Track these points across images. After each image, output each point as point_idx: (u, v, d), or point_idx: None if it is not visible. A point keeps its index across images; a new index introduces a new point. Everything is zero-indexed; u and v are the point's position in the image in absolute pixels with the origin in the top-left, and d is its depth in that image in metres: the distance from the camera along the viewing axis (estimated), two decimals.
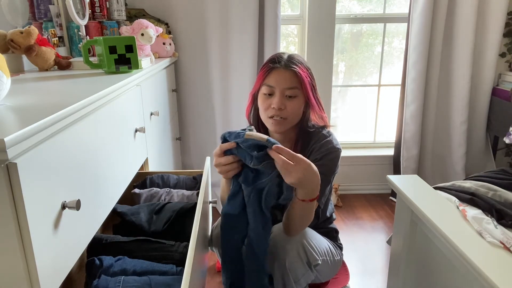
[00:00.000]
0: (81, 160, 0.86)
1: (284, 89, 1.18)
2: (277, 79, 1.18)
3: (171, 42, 2.14)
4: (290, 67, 1.18)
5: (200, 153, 2.55)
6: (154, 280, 0.96)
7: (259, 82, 1.24)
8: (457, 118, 2.44)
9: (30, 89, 1.04)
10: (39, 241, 0.66)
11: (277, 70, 1.19)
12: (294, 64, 1.19)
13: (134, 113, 1.35)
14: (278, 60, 1.20)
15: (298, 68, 1.19)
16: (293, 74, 1.18)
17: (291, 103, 1.19)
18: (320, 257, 1.19)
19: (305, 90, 1.19)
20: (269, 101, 1.20)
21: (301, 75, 1.18)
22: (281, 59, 1.20)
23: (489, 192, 1.33)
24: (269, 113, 1.21)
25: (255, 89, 1.28)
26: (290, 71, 1.18)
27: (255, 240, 1.09)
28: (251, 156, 0.99)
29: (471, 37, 2.27)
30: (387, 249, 2.04)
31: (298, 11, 2.48)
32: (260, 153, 0.98)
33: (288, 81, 1.18)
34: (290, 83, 1.18)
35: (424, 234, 1.17)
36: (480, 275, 0.84)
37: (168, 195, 1.40)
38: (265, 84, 1.21)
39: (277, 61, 1.20)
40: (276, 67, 1.19)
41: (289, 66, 1.18)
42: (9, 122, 0.67)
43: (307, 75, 1.21)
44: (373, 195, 2.70)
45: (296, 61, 1.21)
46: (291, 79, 1.18)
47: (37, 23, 1.68)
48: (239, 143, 1.00)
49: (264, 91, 1.21)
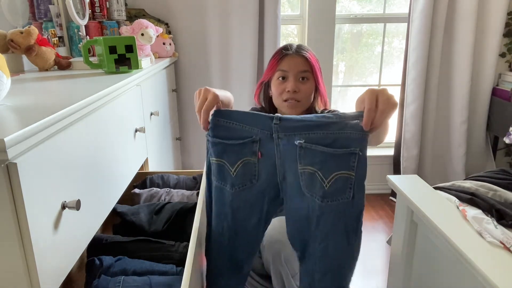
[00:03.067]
0: (81, 160, 0.85)
1: (297, 72, 1.26)
2: (290, 64, 1.26)
3: (171, 42, 2.14)
4: (301, 53, 1.27)
5: (200, 153, 2.55)
6: (154, 280, 0.96)
7: (272, 69, 1.30)
8: (457, 118, 2.44)
9: (30, 89, 1.04)
10: (39, 241, 0.66)
11: (289, 56, 1.27)
12: (304, 51, 1.28)
13: (134, 113, 1.35)
14: (289, 48, 1.28)
15: (308, 53, 1.28)
16: (304, 59, 1.26)
17: (304, 86, 1.27)
18: None
19: (315, 74, 1.28)
20: (284, 86, 1.27)
21: (311, 60, 1.27)
22: (292, 47, 1.29)
23: (489, 192, 1.32)
24: (284, 97, 1.27)
25: (266, 77, 1.34)
26: (301, 56, 1.26)
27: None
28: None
29: (471, 37, 2.27)
30: (387, 249, 2.04)
31: (298, 11, 2.48)
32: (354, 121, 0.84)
33: (301, 65, 1.26)
34: (303, 67, 1.26)
35: (424, 234, 1.17)
36: (480, 275, 0.84)
37: (168, 195, 1.40)
38: (279, 69, 1.28)
39: (289, 48, 1.28)
40: (288, 53, 1.27)
41: (300, 52, 1.27)
42: (9, 122, 0.67)
43: (316, 61, 1.30)
44: (373, 195, 2.70)
45: (305, 48, 1.30)
46: (303, 63, 1.26)
47: (37, 23, 1.68)
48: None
49: (278, 76, 1.28)
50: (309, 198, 0.89)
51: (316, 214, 0.89)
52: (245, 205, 0.96)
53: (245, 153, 0.93)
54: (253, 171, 0.94)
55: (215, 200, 1.00)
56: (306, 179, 0.88)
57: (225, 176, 0.96)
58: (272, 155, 0.91)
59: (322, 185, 0.86)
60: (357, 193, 0.87)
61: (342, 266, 0.94)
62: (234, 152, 0.93)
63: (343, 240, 0.90)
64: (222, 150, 0.94)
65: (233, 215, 0.97)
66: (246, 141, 0.92)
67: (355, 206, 0.88)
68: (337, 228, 0.89)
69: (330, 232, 0.90)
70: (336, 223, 0.89)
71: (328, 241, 0.90)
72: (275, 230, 1.18)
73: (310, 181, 0.88)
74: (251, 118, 0.92)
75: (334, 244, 0.90)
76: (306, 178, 0.88)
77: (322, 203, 0.87)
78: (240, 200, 0.96)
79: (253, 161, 0.93)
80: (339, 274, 0.94)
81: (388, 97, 0.82)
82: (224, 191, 0.97)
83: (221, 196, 0.98)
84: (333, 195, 0.86)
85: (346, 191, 0.86)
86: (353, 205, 0.88)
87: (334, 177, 0.85)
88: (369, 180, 2.70)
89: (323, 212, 0.88)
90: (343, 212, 0.88)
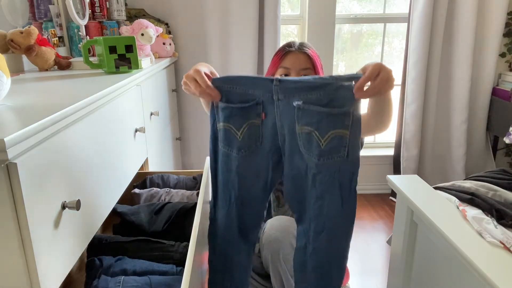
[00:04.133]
0: (81, 160, 0.85)
1: (299, 70, 1.26)
2: (292, 61, 1.26)
3: (171, 42, 2.14)
4: (303, 50, 1.27)
5: (200, 153, 2.55)
6: (154, 280, 0.96)
7: (275, 66, 1.31)
8: (457, 118, 2.44)
9: (30, 89, 1.04)
10: (39, 241, 0.66)
11: (292, 53, 1.27)
12: (306, 48, 1.28)
13: (134, 113, 1.35)
14: (293, 45, 1.29)
15: (310, 51, 1.28)
16: (306, 56, 1.27)
17: None
18: None
19: (317, 71, 1.28)
20: None
21: (314, 57, 1.28)
22: (294, 44, 1.29)
23: (489, 192, 1.32)
24: None
25: (269, 73, 1.34)
26: (303, 53, 1.27)
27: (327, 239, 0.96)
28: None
29: (471, 37, 2.27)
30: (387, 249, 2.04)
31: (298, 11, 2.48)
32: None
33: (303, 62, 1.26)
34: (305, 64, 1.26)
35: (424, 234, 1.17)
36: (480, 275, 0.84)
37: (168, 195, 1.40)
38: (281, 67, 1.28)
39: (292, 45, 1.29)
40: (291, 51, 1.27)
41: (302, 49, 1.27)
42: (9, 122, 0.67)
43: (318, 58, 1.30)
44: (373, 195, 2.70)
45: (307, 45, 1.30)
46: (306, 60, 1.26)
47: (37, 23, 1.68)
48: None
49: (280, 73, 1.28)
50: (306, 157, 0.93)
51: (312, 172, 0.93)
52: (251, 171, 1.00)
53: (250, 116, 0.96)
54: (257, 134, 0.98)
55: (221, 169, 1.03)
56: (303, 139, 0.92)
57: (231, 140, 0.98)
58: (273, 117, 0.95)
59: (319, 144, 0.90)
60: (352, 151, 0.90)
61: (337, 226, 0.96)
62: (240, 115, 0.96)
63: (337, 200, 0.93)
64: (229, 114, 0.97)
65: (239, 183, 1.00)
66: (251, 104, 0.95)
67: (349, 164, 0.91)
68: (332, 187, 0.92)
69: (325, 191, 0.93)
70: (331, 182, 0.92)
71: (323, 200, 0.94)
72: (273, 229, 1.18)
73: (308, 141, 0.91)
74: (252, 81, 0.95)
75: (329, 204, 0.94)
76: (304, 138, 0.92)
77: (319, 162, 0.91)
78: (246, 166, 0.99)
79: (257, 124, 0.97)
80: (333, 235, 0.96)
81: (389, 78, 0.85)
82: (231, 157, 1.00)
83: (228, 162, 1.00)
84: (329, 153, 0.90)
85: (341, 150, 0.89)
86: (347, 164, 0.90)
87: (330, 136, 0.89)
88: (369, 180, 2.71)
89: (319, 170, 0.92)
90: (338, 170, 0.91)
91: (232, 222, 1.04)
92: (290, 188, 1.00)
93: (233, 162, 1.00)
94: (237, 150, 0.98)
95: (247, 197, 1.02)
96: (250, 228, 1.06)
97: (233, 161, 0.99)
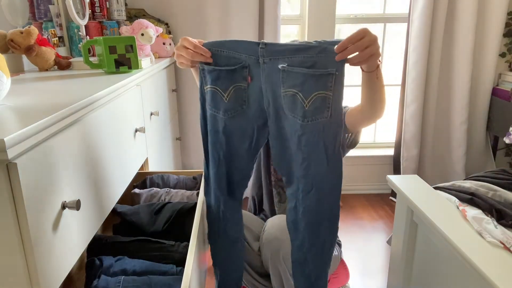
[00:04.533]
0: (81, 160, 0.86)
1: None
2: None
3: (171, 42, 2.14)
4: None
5: (200, 153, 2.54)
6: (154, 280, 0.96)
7: None
8: (457, 118, 2.44)
9: (30, 89, 1.04)
10: (39, 241, 0.66)
11: None
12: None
13: (134, 113, 1.35)
14: None
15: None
16: None
17: None
18: None
19: None
20: None
21: None
22: None
23: (489, 192, 1.33)
24: None
25: None
26: None
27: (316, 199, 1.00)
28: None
29: (471, 37, 2.27)
30: (387, 249, 2.04)
31: (298, 11, 2.48)
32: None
33: None
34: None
35: (424, 234, 1.17)
36: (480, 275, 0.84)
37: (168, 195, 1.40)
38: None
39: None
40: None
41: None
42: (9, 122, 0.67)
43: None
44: (373, 195, 2.70)
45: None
46: None
47: (37, 23, 1.68)
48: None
49: None
50: (291, 119, 0.96)
51: (298, 134, 0.95)
52: (237, 132, 1.04)
53: (237, 79, 0.99)
54: (243, 97, 1.00)
55: (209, 130, 1.07)
56: (288, 101, 0.94)
57: (218, 102, 1.02)
58: (259, 81, 0.97)
59: (303, 105, 0.92)
60: (335, 112, 0.92)
61: (325, 185, 0.98)
62: (226, 78, 0.99)
63: (323, 160, 0.95)
64: (216, 77, 1.00)
65: (227, 142, 1.05)
66: (237, 67, 0.98)
67: (332, 124, 0.93)
68: (317, 148, 0.95)
69: (311, 152, 0.96)
70: (316, 142, 0.94)
71: (310, 161, 0.96)
72: (273, 228, 1.19)
73: (292, 103, 0.94)
74: (239, 45, 0.98)
75: (315, 164, 0.96)
76: (288, 100, 0.94)
77: (303, 123, 0.93)
78: (232, 127, 1.03)
79: (243, 87, 1.00)
80: (322, 193, 0.98)
81: (371, 46, 0.86)
82: (217, 118, 1.03)
83: (215, 123, 1.05)
84: (313, 114, 0.92)
85: (324, 111, 0.92)
86: (331, 124, 0.93)
87: (313, 97, 0.91)
88: (369, 180, 2.71)
89: (304, 131, 0.94)
90: (322, 130, 0.93)
91: (221, 179, 1.09)
92: (276, 150, 1.04)
93: (219, 123, 1.03)
94: (223, 112, 1.02)
95: (234, 156, 1.07)
96: (237, 185, 1.11)
97: (220, 122, 1.04)
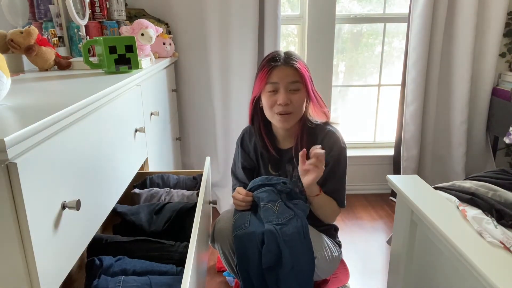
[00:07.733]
0: (81, 160, 0.85)
1: (287, 83, 1.23)
2: (279, 76, 1.23)
3: (171, 42, 2.14)
4: (290, 64, 1.24)
5: (200, 153, 2.55)
6: (154, 280, 0.96)
7: (261, 83, 1.27)
8: (457, 118, 2.44)
9: (30, 89, 1.04)
10: (39, 241, 0.66)
11: (278, 68, 1.24)
12: (293, 60, 1.25)
13: (134, 113, 1.35)
14: (278, 59, 1.25)
15: (297, 63, 1.25)
16: (293, 69, 1.24)
17: (295, 97, 1.25)
18: (317, 251, 1.20)
19: (305, 83, 1.25)
20: (274, 98, 1.25)
21: (301, 70, 1.24)
22: (280, 57, 1.26)
23: (489, 192, 1.32)
24: (275, 110, 1.26)
25: (256, 92, 1.31)
26: (290, 67, 1.24)
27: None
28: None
29: (471, 37, 2.27)
30: (387, 249, 2.04)
31: (298, 11, 2.48)
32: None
33: (291, 76, 1.23)
34: (293, 78, 1.23)
35: (424, 234, 1.17)
36: (480, 275, 0.84)
37: (168, 195, 1.40)
38: (268, 82, 1.25)
39: (277, 59, 1.25)
40: (277, 65, 1.24)
41: (289, 62, 1.24)
42: (9, 122, 0.67)
43: (306, 69, 1.27)
44: (373, 195, 2.70)
45: (294, 57, 1.26)
46: (293, 74, 1.24)
47: (37, 23, 1.68)
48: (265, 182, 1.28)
49: (269, 89, 1.25)
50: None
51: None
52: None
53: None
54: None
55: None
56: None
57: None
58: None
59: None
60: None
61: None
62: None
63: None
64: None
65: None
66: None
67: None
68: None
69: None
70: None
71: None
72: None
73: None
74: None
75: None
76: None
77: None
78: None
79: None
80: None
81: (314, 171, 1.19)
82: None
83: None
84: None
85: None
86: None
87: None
88: (369, 180, 2.71)
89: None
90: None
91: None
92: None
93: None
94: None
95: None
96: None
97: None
